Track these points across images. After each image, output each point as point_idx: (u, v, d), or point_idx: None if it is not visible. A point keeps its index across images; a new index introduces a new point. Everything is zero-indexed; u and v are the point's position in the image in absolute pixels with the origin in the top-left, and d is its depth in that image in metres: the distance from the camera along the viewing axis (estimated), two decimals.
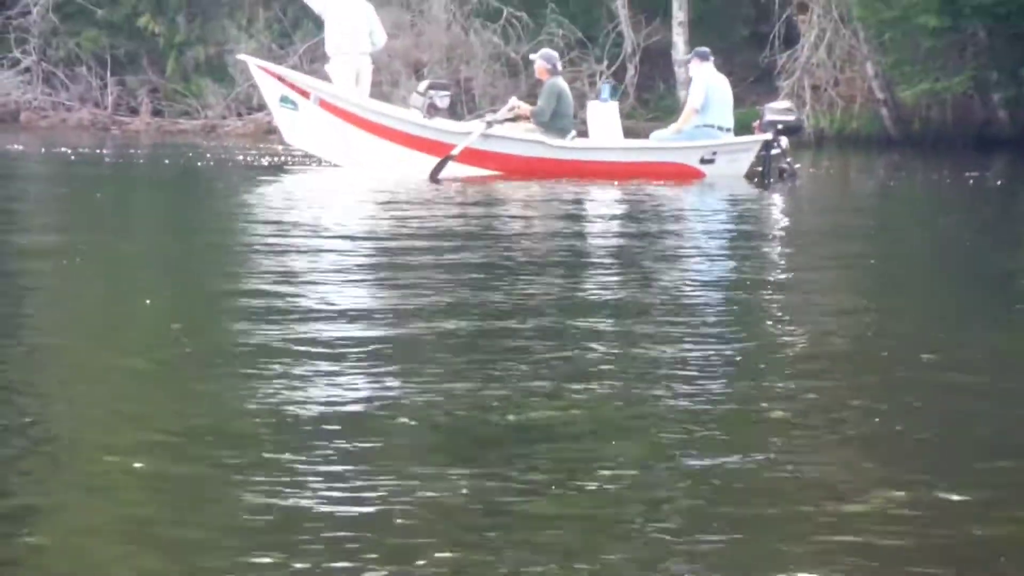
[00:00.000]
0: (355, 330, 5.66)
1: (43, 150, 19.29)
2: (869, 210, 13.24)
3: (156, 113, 27.67)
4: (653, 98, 27.22)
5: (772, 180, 15.39)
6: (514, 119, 15.62)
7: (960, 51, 23.64)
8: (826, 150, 24.03)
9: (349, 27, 16.28)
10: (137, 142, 23.03)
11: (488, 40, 26.69)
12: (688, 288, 7.20)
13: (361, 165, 15.54)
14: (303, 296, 6.45)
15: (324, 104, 15.64)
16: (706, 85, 15.78)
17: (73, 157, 17.81)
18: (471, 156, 15.16)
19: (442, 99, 15.56)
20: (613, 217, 11.91)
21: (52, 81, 28.04)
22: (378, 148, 15.48)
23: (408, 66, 26.80)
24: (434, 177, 14.67)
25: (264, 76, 16.07)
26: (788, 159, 15.62)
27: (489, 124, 15.34)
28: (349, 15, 16.35)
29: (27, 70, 27.95)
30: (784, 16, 26.44)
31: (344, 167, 15.70)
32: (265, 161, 17.46)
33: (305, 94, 15.72)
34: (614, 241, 10.08)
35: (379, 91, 17.31)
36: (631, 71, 26.74)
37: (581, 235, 10.36)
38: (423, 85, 15.94)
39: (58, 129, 26.11)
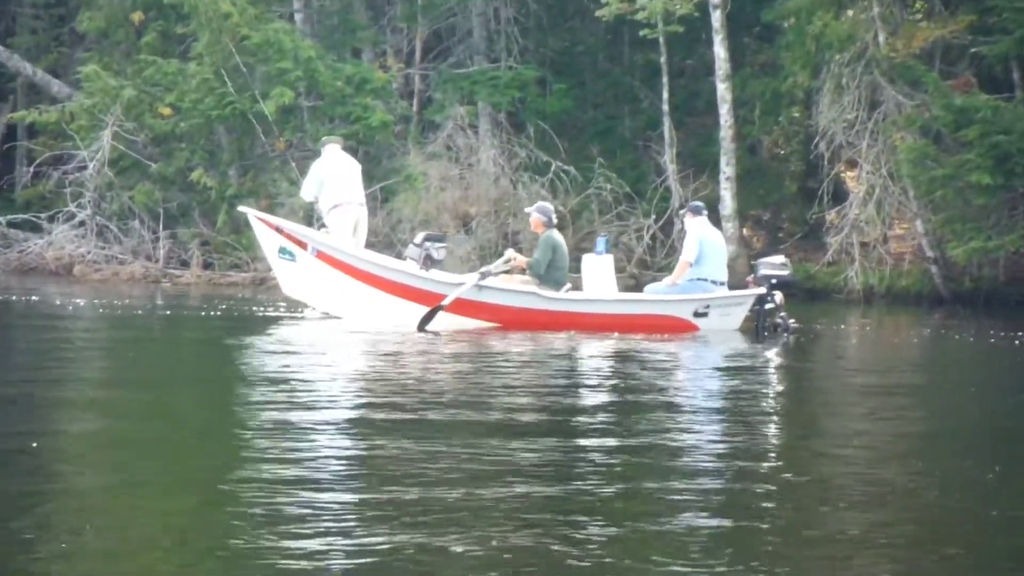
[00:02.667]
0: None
1: (87, 302, 19.41)
2: (888, 370, 12.99)
3: (207, 266, 27.87)
4: None
5: (766, 334, 15.45)
6: (509, 271, 15.75)
7: (1011, 209, 23.49)
8: (875, 307, 23.84)
9: (347, 179, 16.74)
10: (187, 295, 23.14)
11: (536, 193, 26.84)
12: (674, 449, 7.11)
13: (358, 316, 15.62)
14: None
15: (321, 255, 15.80)
16: (699, 239, 16.00)
17: (120, 311, 17.90)
18: (465, 307, 15.23)
19: (438, 251, 15.74)
20: (603, 372, 11.69)
21: (105, 234, 28.35)
22: (375, 299, 15.61)
23: (456, 219, 27.00)
24: (422, 327, 14.66)
25: (263, 228, 16.25)
26: (782, 313, 15.68)
27: (483, 275, 15.37)
28: (344, 170, 16.84)
29: (81, 224, 28.31)
30: (833, 172, 26.47)
31: (343, 318, 15.76)
32: (284, 312, 17.45)
33: (303, 245, 15.90)
34: (602, 398, 9.66)
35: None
36: (678, 226, 26.76)
37: (568, 390, 10.04)
38: (419, 237, 16.08)
39: (111, 282, 26.31)
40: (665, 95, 27.99)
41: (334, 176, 16.69)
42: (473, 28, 30.62)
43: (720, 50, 26.99)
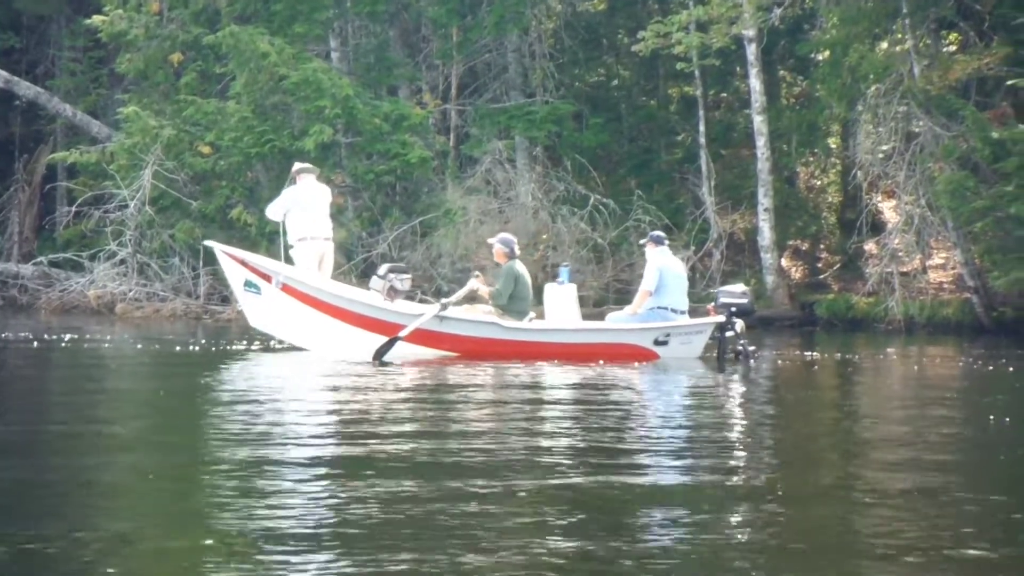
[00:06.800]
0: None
1: (126, 340, 19.52)
2: (903, 397, 12.92)
3: None
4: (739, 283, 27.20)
5: (727, 362, 15.50)
6: (472, 300, 15.88)
7: None
8: (917, 337, 23.77)
9: (315, 214, 16.83)
10: (227, 331, 23.25)
11: (575, 226, 26.94)
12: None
13: (322, 348, 15.70)
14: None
15: (286, 288, 15.93)
16: (659, 268, 16.16)
17: (158, 346, 18.01)
18: (425, 337, 15.34)
19: (402, 281, 15.86)
20: (563, 402, 11.46)
21: (146, 272, 28.55)
22: (337, 330, 15.71)
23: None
24: (378, 357, 14.69)
25: (229, 261, 16.39)
26: (743, 341, 15.73)
27: (444, 306, 15.49)
28: (315, 202, 16.92)
29: (122, 262, 28.52)
30: (871, 203, 26.46)
31: (309, 350, 15.83)
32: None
33: (267, 278, 16.03)
34: (562, 429, 9.24)
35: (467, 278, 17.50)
36: (717, 256, 26.82)
37: (530, 422, 9.66)
38: (383, 268, 16.16)
39: (152, 319, 26.47)
40: (702, 127, 28.09)
41: (305, 208, 16.79)
42: (508, 63, 30.82)
43: (756, 83, 27.07)
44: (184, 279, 28.46)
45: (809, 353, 18.49)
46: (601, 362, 15.20)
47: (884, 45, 26.57)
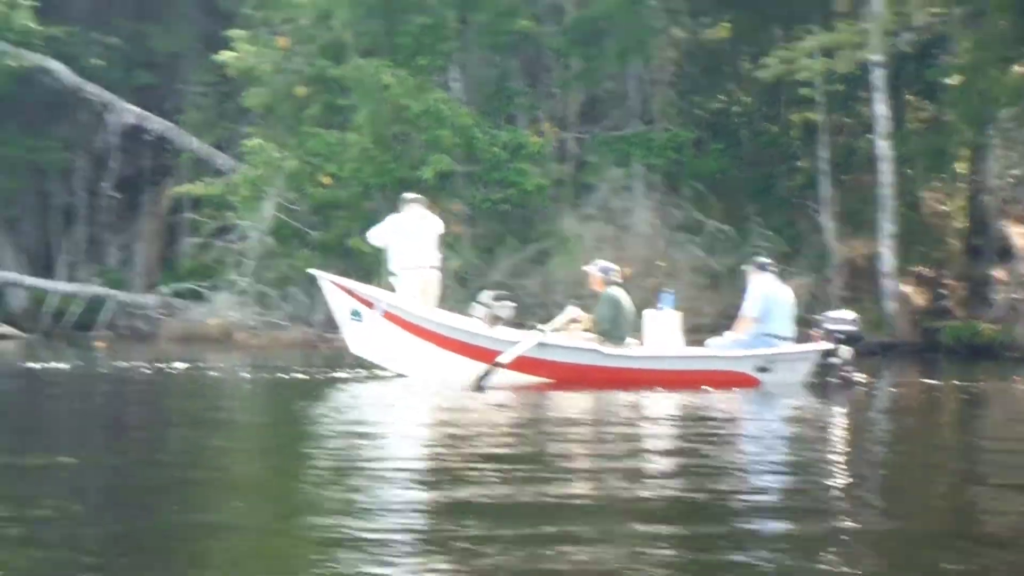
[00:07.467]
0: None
1: (242, 368, 19.66)
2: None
3: None
4: (860, 310, 26.58)
5: (833, 390, 15.13)
6: (568, 326, 15.71)
7: None
8: None
9: (420, 243, 16.87)
10: (341, 359, 23.32)
11: (692, 253, 26.62)
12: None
13: (423, 374, 15.61)
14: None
15: (388, 315, 15.87)
16: (763, 295, 15.89)
17: (264, 374, 18.07)
18: (526, 364, 15.21)
19: (504, 309, 15.80)
20: (666, 431, 11.31)
21: (265, 301, 28.79)
22: (438, 357, 15.63)
23: None
24: (478, 384, 14.68)
25: (335, 290, 16.43)
26: (849, 368, 15.39)
27: (544, 333, 15.34)
28: (421, 232, 16.95)
29: (243, 292, 28.81)
30: (1000, 228, 25.79)
31: (411, 376, 15.76)
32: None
33: (370, 305, 15.99)
34: (669, 461, 8.96)
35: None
36: (837, 283, 26.29)
37: (632, 453, 9.47)
38: (485, 296, 16.19)
39: (270, 348, 26.65)
40: (823, 153, 27.61)
41: (410, 237, 16.87)
42: (628, 91, 30.62)
43: (881, 108, 26.54)
44: (302, 308, 28.63)
45: (930, 380, 17.94)
46: (705, 388, 14.88)
47: (1017, 68, 25.96)
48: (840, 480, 7.82)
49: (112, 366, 19.16)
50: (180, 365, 19.12)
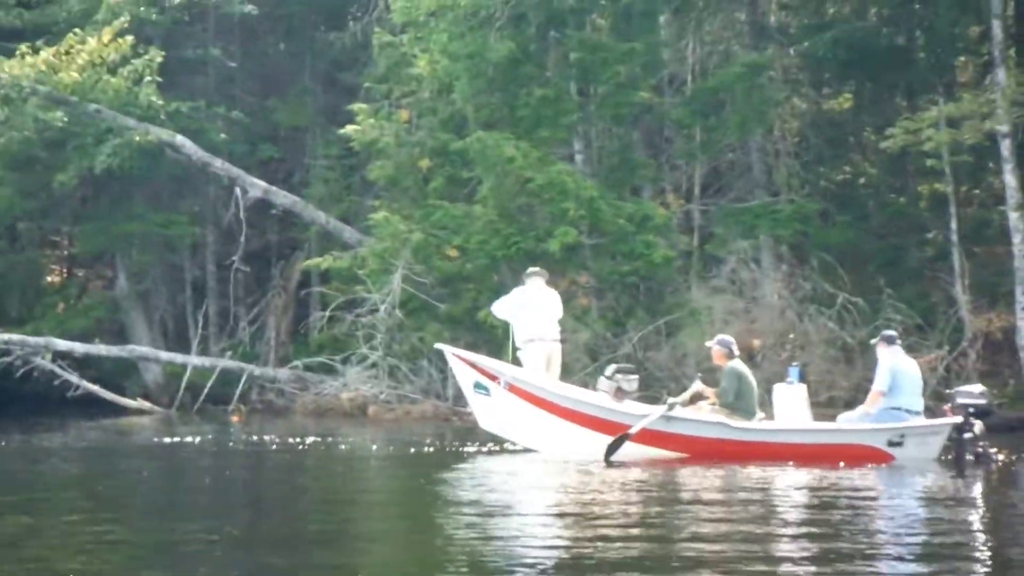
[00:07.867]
0: None
1: (378, 442, 19.89)
2: None
3: None
4: (998, 384, 26.32)
5: (966, 464, 15.00)
6: (695, 400, 15.86)
7: None
8: None
9: (543, 316, 17.23)
10: (473, 432, 23.51)
11: (823, 325, 26.53)
12: None
13: (550, 448, 15.70)
14: None
15: (513, 388, 16.06)
16: (891, 368, 15.90)
17: (392, 447, 18.31)
18: (653, 438, 15.29)
19: (629, 382, 16.04)
20: (800, 509, 11.26)
21: (396, 375, 29.08)
22: (565, 431, 15.75)
23: (741, 351, 26.75)
24: (608, 457, 14.77)
25: (459, 363, 16.76)
26: (983, 443, 15.24)
27: (671, 406, 15.42)
28: (544, 305, 17.32)
29: (373, 365, 29.12)
30: None
31: (538, 450, 15.92)
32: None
33: (495, 379, 16.15)
34: (805, 543, 9.04)
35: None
36: (972, 357, 26.02)
37: (767, 533, 9.51)
38: (610, 370, 16.34)
39: (402, 421, 26.93)
40: (953, 224, 27.44)
41: (534, 310, 17.22)
42: (752, 162, 30.68)
43: (1011, 179, 26.30)
44: (433, 381, 28.88)
45: None
46: (840, 463, 14.88)
47: None
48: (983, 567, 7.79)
49: (248, 440, 19.50)
50: (312, 439, 19.46)
